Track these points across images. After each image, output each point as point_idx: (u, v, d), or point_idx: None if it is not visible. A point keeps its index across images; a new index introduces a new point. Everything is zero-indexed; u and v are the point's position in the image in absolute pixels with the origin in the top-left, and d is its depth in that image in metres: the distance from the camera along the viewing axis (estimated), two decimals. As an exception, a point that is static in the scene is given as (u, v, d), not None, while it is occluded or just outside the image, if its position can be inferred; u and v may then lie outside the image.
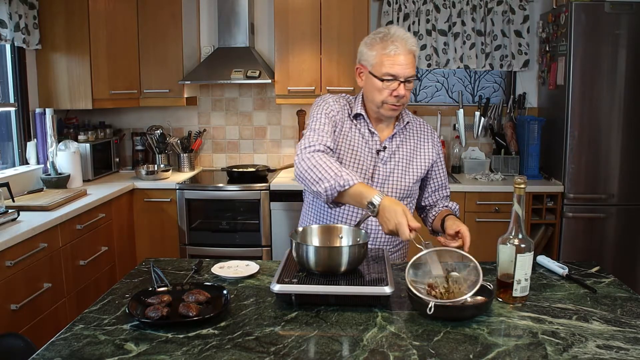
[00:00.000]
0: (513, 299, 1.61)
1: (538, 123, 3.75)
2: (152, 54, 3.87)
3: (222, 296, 1.60)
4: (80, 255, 2.98)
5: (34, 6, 3.40)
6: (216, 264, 1.93)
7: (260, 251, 3.66)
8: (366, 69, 1.88)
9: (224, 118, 4.28)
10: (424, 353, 1.31)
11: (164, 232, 3.68)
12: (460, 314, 1.49)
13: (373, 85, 1.86)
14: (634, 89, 3.42)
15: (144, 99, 3.93)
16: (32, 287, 2.54)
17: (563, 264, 1.90)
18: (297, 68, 3.80)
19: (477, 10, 3.89)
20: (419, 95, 4.26)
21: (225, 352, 1.32)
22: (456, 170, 4.03)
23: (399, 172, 1.98)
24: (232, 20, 3.92)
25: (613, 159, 3.48)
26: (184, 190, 3.65)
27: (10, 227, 2.51)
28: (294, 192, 3.60)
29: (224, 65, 3.84)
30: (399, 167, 1.99)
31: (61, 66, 3.53)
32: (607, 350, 1.33)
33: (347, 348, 1.35)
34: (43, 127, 3.43)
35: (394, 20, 3.92)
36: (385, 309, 1.56)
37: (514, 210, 1.60)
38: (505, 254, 1.61)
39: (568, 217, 3.53)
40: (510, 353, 1.32)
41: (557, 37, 3.60)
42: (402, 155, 2.00)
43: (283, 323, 1.48)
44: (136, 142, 4.19)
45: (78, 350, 1.34)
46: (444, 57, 3.95)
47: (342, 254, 1.60)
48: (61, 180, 3.30)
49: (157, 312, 1.46)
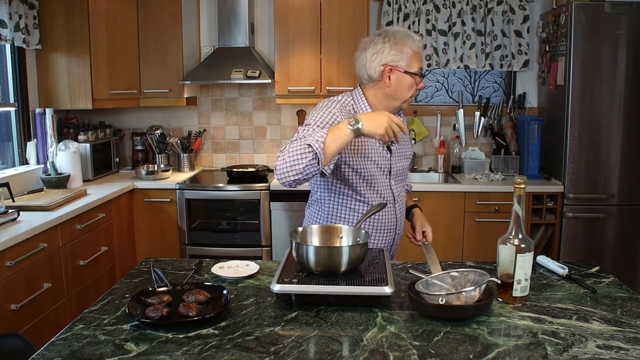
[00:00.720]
0: (513, 299, 1.61)
1: (538, 123, 3.75)
2: (152, 54, 3.87)
3: (222, 296, 1.60)
4: (80, 255, 2.98)
5: (34, 6, 3.40)
6: (216, 264, 1.93)
7: (260, 251, 3.66)
8: (399, 69, 1.86)
9: (224, 118, 4.28)
10: (424, 353, 1.31)
11: (164, 232, 3.68)
12: (460, 314, 1.49)
13: (406, 83, 1.87)
14: (634, 89, 3.42)
15: (144, 99, 3.93)
16: (32, 287, 2.54)
17: (563, 264, 1.90)
18: (297, 68, 3.80)
19: (477, 10, 3.89)
20: (419, 95, 4.26)
21: (225, 352, 1.32)
22: (456, 170, 4.03)
23: (404, 160, 2.06)
24: (232, 20, 3.92)
25: (613, 159, 3.48)
26: (184, 190, 3.65)
27: (10, 227, 2.51)
28: (294, 192, 3.59)
29: (224, 65, 3.84)
30: (403, 156, 2.06)
31: (61, 66, 3.53)
32: (607, 350, 1.33)
33: (347, 348, 1.35)
34: (43, 127, 3.43)
35: (394, 20, 3.92)
36: (385, 309, 1.56)
37: (514, 210, 1.60)
38: (505, 254, 1.61)
39: (568, 217, 3.53)
40: (510, 353, 1.32)
41: (557, 37, 3.60)
42: (401, 144, 2.02)
43: (283, 323, 1.48)
44: (136, 142, 4.19)
45: (78, 350, 1.34)
46: (444, 57, 3.95)
47: (342, 254, 1.60)
48: (61, 180, 3.30)
49: (157, 312, 1.46)
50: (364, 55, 1.90)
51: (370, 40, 1.90)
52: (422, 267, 1.89)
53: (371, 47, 1.88)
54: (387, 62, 1.87)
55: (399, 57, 1.86)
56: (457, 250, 3.58)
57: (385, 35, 1.88)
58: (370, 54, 1.88)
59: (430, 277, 1.61)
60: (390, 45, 1.86)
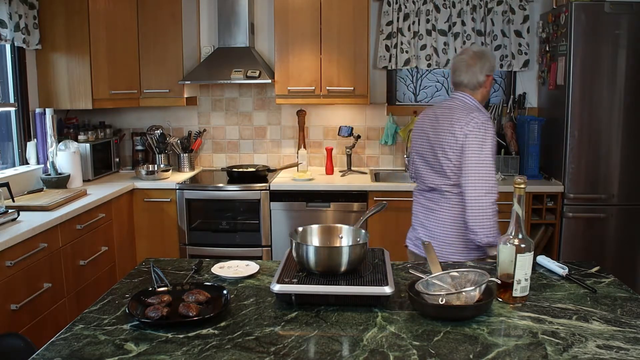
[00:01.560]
0: (513, 299, 1.61)
1: (538, 123, 3.75)
2: (152, 54, 3.87)
3: (222, 296, 1.60)
4: (80, 255, 2.98)
5: (34, 6, 3.40)
6: (216, 264, 1.93)
7: (260, 251, 3.66)
8: (491, 75, 2.33)
9: (224, 118, 4.28)
10: (424, 353, 1.31)
11: (164, 232, 3.68)
12: (460, 314, 1.49)
13: (490, 83, 2.35)
14: (634, 89, 3.42)
15: (144, 99, 3.93)
16: (32, 287, 2.54)
17: (563, 264, 1.90)
18: (297, 68, 3.80)
19: (477, 10, 3.89)
20: (419, 95, 4.26)
21: (225, 352, 1.32)
22: (456, 170, 4.03)
23: None
24: (232, 20, 3.92)
25: (613, 159, 3.48)
26: (184, 190, 3.65)
27: (10, 227, 2.51)
28: (294, 192, 3.60)
29: (224, 65, 3.84)
30: None
31: (61, 66, 3.53)
32: (607, 350, 1.33)
33: (347, 348, 1.35)
34: (43, 127, 3.44)
35: (394, 20, 3.92)
36: (385, 309, 1.56)
37: (514, 210, 1.60)
38: (505, 254, 1.61)
39: (568, 217, 3.52)
40: (510, 353, 1.32)
41: (557, 37, 3.60)
42: None
43: (283, 323, 1.48)
44: (136, 142, 4.19)
45: (78, 350, 1.34)
46: (444, 57, 3.95)
47: (342, 254, 1.60)
48: (61, 180, 3.30)
49: (157, 312, 1.47)
50: (474, 69, 2.29)
51: (477, 57, 2.29)
52: (422, 267, 1.89)
53: (479, 62, 2.29)
54: (488, 71, 2.32)
55: (492, 68, 2.33)
56: (457, 250, 3.58)
57: (483, 53, 2.33)
58: (479, 67, 2.29)
59: (430, 277, 1.61)
60: (490, 60, 2.33)
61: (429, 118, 2.36)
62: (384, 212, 2.00)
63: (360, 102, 3.83)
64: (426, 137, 2.33)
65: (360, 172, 4.00)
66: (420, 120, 2.41)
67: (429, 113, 2.38)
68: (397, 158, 4.21)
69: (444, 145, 2.21)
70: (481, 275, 1.56)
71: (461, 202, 2.19)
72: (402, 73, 4.23)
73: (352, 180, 3.72)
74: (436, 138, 2.26)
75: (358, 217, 2.69)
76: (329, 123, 4.21)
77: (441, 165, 2.24)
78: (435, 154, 2.26)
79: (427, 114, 2.39)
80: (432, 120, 2.32)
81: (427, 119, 2.36)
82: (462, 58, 2.30)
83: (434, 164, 2.28)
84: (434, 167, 2.29)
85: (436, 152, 2.26)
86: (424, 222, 2.37)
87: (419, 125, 2.41)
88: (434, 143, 2.27)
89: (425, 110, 2.43)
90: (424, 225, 2.36)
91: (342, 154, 4.17)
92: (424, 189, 2.38)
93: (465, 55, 2.30)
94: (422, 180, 2.37)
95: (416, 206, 2.45)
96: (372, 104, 4.13)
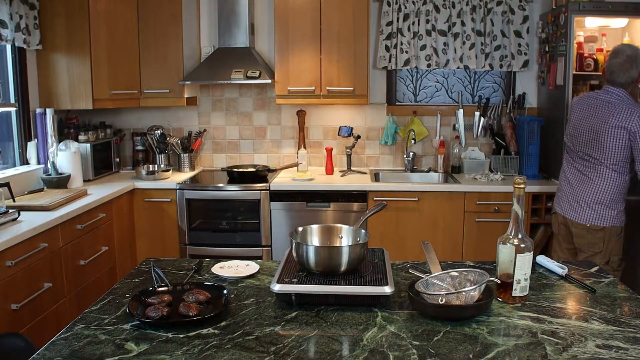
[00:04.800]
0: (513, 298, 1.61)
1: (537, 123, 3.75)
2: (152, 54, 3.88)
3: (222, 296, 1.61)
4: (81, 255, 2.98)
5: (35, 6, 3.40)
6: (216, 263, 1.94)
7: (260, 251, 3.66)
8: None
9: (224, 118, 4.28)
10: (424, 353, 1.32)
11: (164, 232, 3.69)
12: (460, 314, 1.50)
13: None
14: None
15: (144, 99, 3.93)
16: (33, 286, 2.55)
17: (563, 264, 1.90)
18: (297, 68, 3.80)
19: (476, 11, 3.90)
20: (419, 96, 4.26)
21: (226, 351, 1.33)
22: (456, 171, 4.03)
23: None
24: (232, 20, 3.92)
25: (613, 159, 3.48)
26: (184, 190, 3.65)
27: (10, 227, 2.51)
28: (294, 192, 3.60)
29: (224, 65, 3.84)
30: None
31: (61, 66, 3.54)
32: (607, 350, 1.33)
33: (347, 348, 1.35)
34: (43, 127, 3.44)
35: (394, 20, 3.92)
36: (385, 309, 1.56)
37: (513, 210, 1.61)
38: (505, 253, 1.61)
39: (568, 217, 3.52)
40: (510, 353, 1.32)
41: (557, 37, 3.60)
42: None
43: (283, 323, 1.48)
44: (136, 142, 4.19)
45: (78, 350, 1.34)
46: (444, 57, 3.95)
47: (342, 254, 1.61)
48: (62, 180, 3.31)
49: (157, 311, 1.47)
50: (631, 71, 2.67)
51: (632, 59, 2.66)
52: (422, 267, 1.89)
53: (634, 64, 2.66)
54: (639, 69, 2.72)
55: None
56: (457, 250, 3.58)
57: (636, 55, 2.69)
58: (634, 68, 2.67)
59: (430, 277, 1.61)
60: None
61: (589, 104, 2.81)
62: (384, 212, 2.01)
63: (360, 102, 3.84)
64: (586, 119, 2.79)
65: (360, 172, 4.00)
66: (579, 102, 2.89)
67: (588, 100, 2.84)
68: (397, 158, 4.21)
69: (602, 131, 2.68)
70: (481, 275, 1.56)
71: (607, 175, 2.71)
72: (401, 73, 4.23)
73: (352, 180, 3.72)
74: (596, 123, 2.72)
75: (358, 217, 2.69)
76: (329, 123, 4.21)
77: (600, 145, 2.71)
78: (591, 136, 2.74)
79: (586, 101, 2.85)
80: (592, 107, 2.78)
81: (588, 105, 2.82)
82: (618, 62, 2.69)
83: (590, 143, 2.76)
84: (590, 145, 2.77)
85: (592, 135, 2.73)
86: (574, 185, 2.86)
87: (578, 106, 2.89)
88: (593, 127, 2.74)
89: (582, 97, 2.92)
90: (573, 187, 2.86)
91: (342, 154, 4.18)
92: (579, 157, 2.86)
93: (620, 59, 2.69)
94: (577, 151, 2.86)
95: (570, 169, 2.92)
96: (372, 104, 4.13)
